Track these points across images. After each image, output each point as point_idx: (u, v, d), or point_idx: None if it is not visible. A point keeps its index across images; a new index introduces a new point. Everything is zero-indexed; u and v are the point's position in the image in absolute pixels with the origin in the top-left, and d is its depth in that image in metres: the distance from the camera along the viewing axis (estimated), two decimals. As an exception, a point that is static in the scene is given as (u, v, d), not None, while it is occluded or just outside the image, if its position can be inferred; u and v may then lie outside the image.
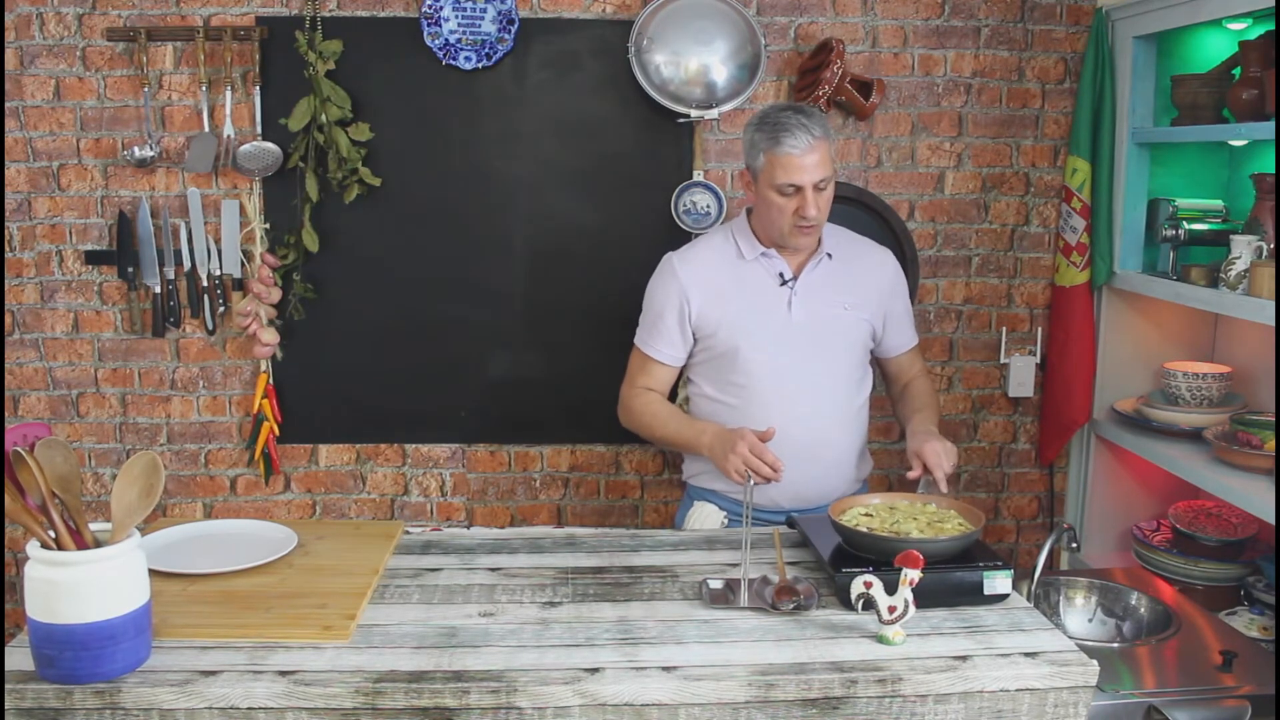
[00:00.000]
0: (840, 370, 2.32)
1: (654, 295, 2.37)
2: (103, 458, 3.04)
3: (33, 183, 2.89)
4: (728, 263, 2.32)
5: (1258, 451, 2.37)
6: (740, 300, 2.29)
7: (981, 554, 1.80)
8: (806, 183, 2.16)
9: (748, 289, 2.30)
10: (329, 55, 2.78)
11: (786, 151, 2.15)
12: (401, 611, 1.73)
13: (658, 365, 2.37)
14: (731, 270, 2.32)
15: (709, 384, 2.35)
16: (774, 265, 2.30)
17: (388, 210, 2.93)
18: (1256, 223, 2.40)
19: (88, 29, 2.82)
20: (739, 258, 2.32)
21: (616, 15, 2.88)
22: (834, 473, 2.32)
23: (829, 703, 1.52)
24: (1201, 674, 1.90)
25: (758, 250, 2.30)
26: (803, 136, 2.14)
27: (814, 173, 2.16)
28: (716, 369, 2.32)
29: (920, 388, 2.45)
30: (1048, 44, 2.96)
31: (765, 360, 2.27)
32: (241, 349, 2.99)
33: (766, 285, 2.30)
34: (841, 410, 2.32)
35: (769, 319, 2.28)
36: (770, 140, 2.17)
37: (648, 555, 2.00)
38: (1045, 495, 3.20)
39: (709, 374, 2.35)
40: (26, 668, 1.49)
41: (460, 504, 3.12)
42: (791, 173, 2.16)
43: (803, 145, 2.14)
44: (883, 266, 2.42)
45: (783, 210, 2.21)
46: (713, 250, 2.36)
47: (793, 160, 2.15)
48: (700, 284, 2.31)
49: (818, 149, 2.16)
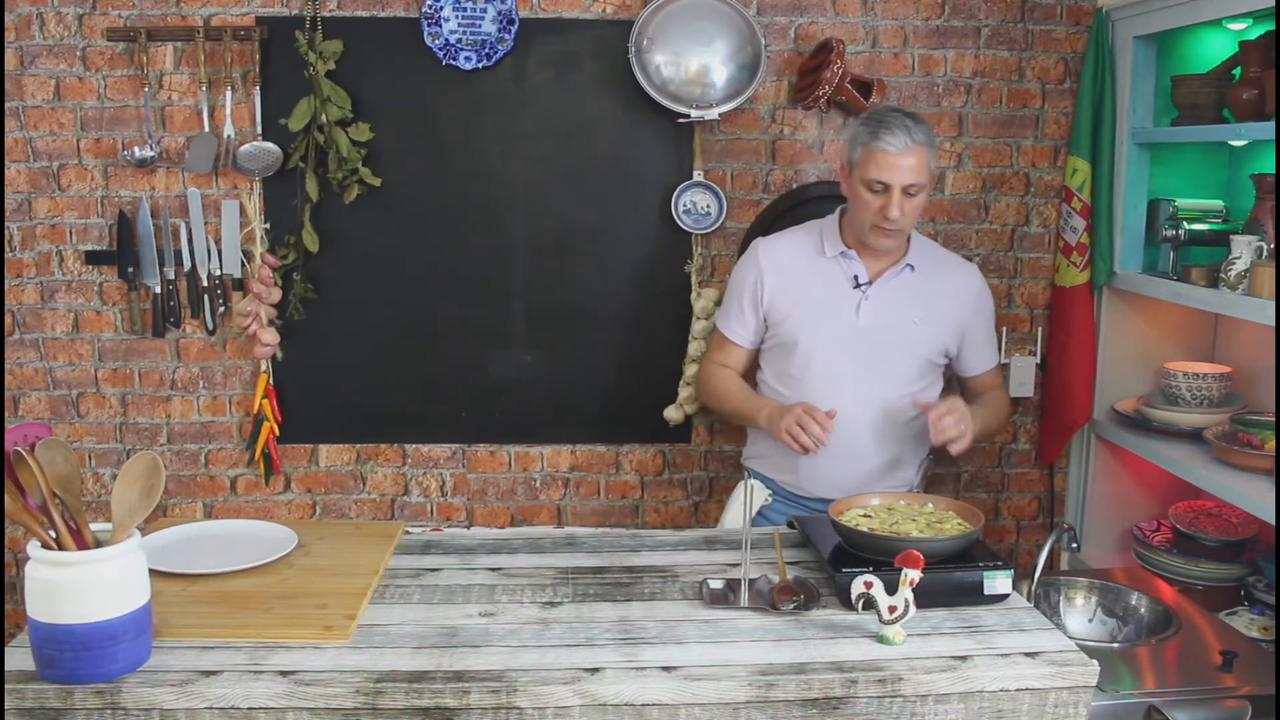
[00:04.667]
0: (897, 380, 2.31)
1: (735, 276, 2.46)
2: (103, 458, 3.04)
3: (33, 183, 2.89)
4: (807, 255, 2.35)
5: (1258, 451, 2.37)
6: (811, 294, 2.32)
7: (981, 554, 1.80)
8: (896, 183, 2.16)
9: (820, 285, 2.32)
10: (329, 55, 2.78)
11: (882, 147, 2.16)
12: (402, 611, 1.73)
13: (731, 344, 2.45)
14: (809, 263, 2.34)
15: (771, 372, 2.40)
16: (851, 266, 2.31)
17: (388, 210, 2.93)
18: (1256, 223, 2.40)
19: (88, 29, 2.82)
20: (819, 253, 2.35)
21: (616, 15, 2.88)
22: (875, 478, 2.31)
23: (829, 703, 1.52)
24: (1201, 674, 1.90)
25: (839, 249, 2.32)
26: (902, 136, 2.15)
27: (905, 175, 2.16)
28: (778, 357, 2.37)
29: (990, 398, 2.46)
30: (1048, 44, 2.96)
31: (822, 357, 2.28)
32: (241, 349, 2.99)
33: (839, 284, 2.32)
34: (891, 419, 2.30)
35: (835, 318, 2.30)
36: (870, 134, 2.18)
37: (648, 555, 2.00)
38: (1045, 495, 3.19)
39: (772, 361, 2.40)
40: (27, 668, 1.49)
41: (460, 504, 3.12)
42: (883, 169, 2.16)
43: (899, 145, 2.15)
44: (967, 286, 2.41)
45: (868, 206, 2.21)
46: (797, 241, 2.40)
47: (887, 157, 2.15)
48: (777, 270, 2.35)
49: (915, 153, 2.16)
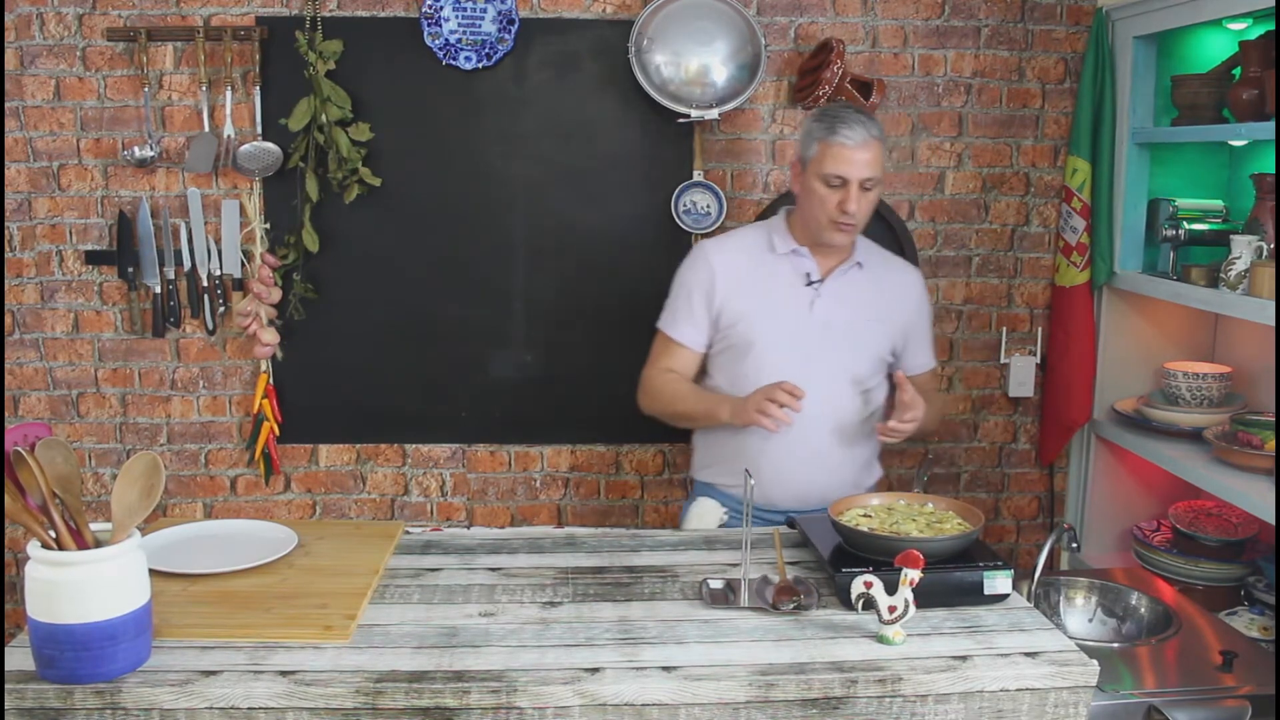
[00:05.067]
0: (851, 377, 2.31)
1: (683, 278, 2.39)
2: (103, 458, 3.04)
3: (33, 183, 2.89)
4: (758, 255, 2.34)
5: (1258, 451, 2.37)
6: (764, 294, 2.30)
7: (981, 554, 1.80)
8: (854, 177, 2.17)
9: (773, 284, 2.31)
10: (329, 55, 2.78)
11: (840, 141, 2.16)
12: (402, 611, 1.73)
13: (680, 348, 2.37)
14: (760, 263, 2.33)
15: (722, 376, 2.36)
16: (803, 264, 2.31)
17: (388, 210, 2.92)
18: (1256, 223, 2.40)
19: (88, 29, 2.82)
20: (769, 251, 2.33)
21: (616, 15, 2.88)
22: (835, 477, 2.32)
23: (829, 703, 1.52)
24: (1201, 674, 1.90)
25: (789, 246, 2.31)
26: (859, 130, 2.16)
27: (863, 169, 2.17)
28: (731, 360, 2.33)
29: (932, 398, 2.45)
30: (1048, 44, 2.96)
31: (779, 357, 2.27)
32: (241, 349, 2.99)
33: (792, 283, 2.31)
34: (848, 416, 2.31)
35: (789, 317, 2.29)
36: (827, 129, 2.18)
37: (648, 555, 2.00)
38: (1045, 495, 3.19)
39: (724, 365, 2.36)
40: (27, 668, 1.49)
41: (460, 504, 3.12)
42: (841, 164, 2.17)
43: (857, 139, 2.16)
44: (912, 287, 2.43)
45: (824, 202, 2.21)
46: (746, 241, 2.38)
47: (845, 151, 2.16)
48: (729, 271, 2.32)
49: (871, 148, 2.17)
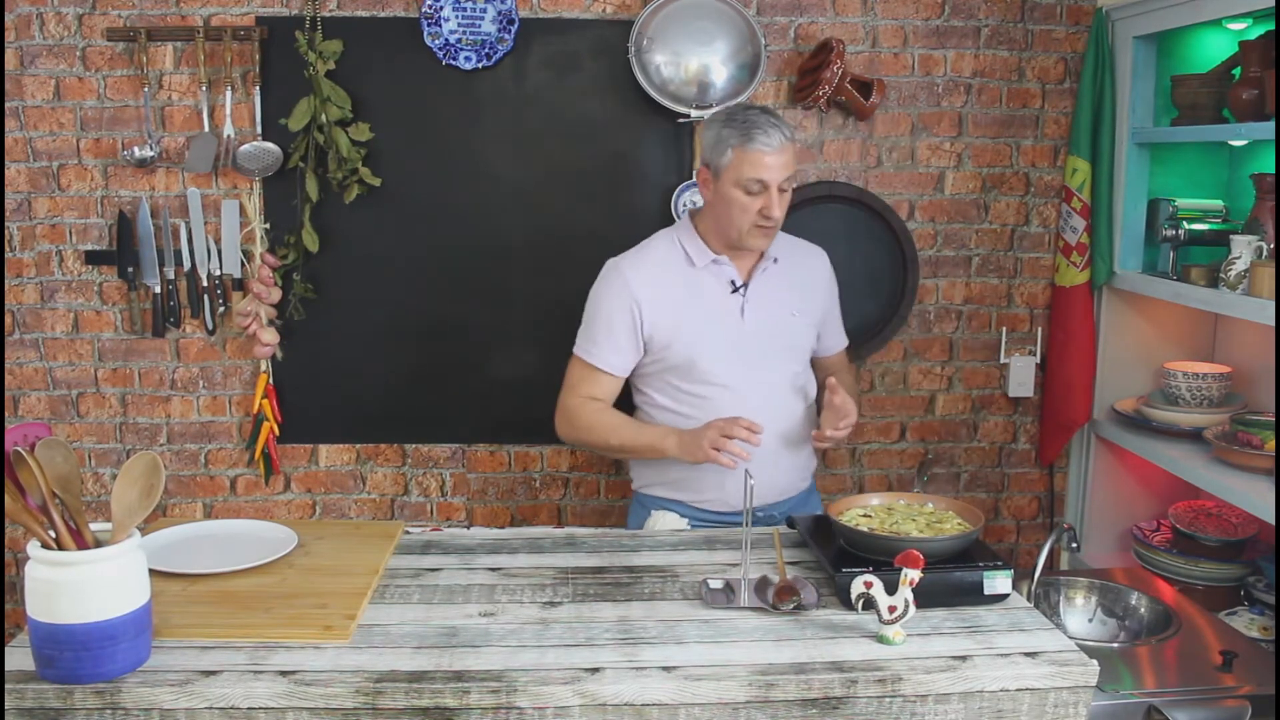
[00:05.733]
0: (790, 374, 2.31)
1: (601, 302, 2.29)
2: (103, 458, 3.04)
3: (33, 183, 2.89)
4: (678, 271, 2.27)
5: (1258, 451, 2.37)
6: (693, 310, 2.25)
7: (981, 554, 1.80)
8: (774, 181, 2.14)
9: (700, 298, 2.26)
10: (329, 55, 2.78)
11: (758, 148, 2.13)
12: (402, 611, 1.73)
13: (604, 375, 2.28)
14: (682, 279, 2.27)
15: (661, 394, 2.30)
16: (725, 272, 2.27)
17: (388, 210, 2.92)
18: (1256, 223, 2.40)
19: (88, 29, 2.82)
20: (689, 265, 2.27)
21: (616, 15, 2.88)
22: (790, 474, 2.33)
23: (829, 703, 1.52)
24: (1201, 674, 1.90)
25: (708, 257, 2.26)
26: (775, 135, 2.13)
27: (782, 172, 2.15)
28: (669, 379, 2.28)
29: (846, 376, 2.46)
30: (1048, 44, 2.96)
31: (721, 370, 2.24)
32: (241, 349, 2.99)
33: (718, 293, 2.26)
34: (794, 413, 2.31)
35: (722, 328, 2.25)
36: (742, 136, 2.14)
37: (648, 555, 2.00)
38: (1045, 495, 3.19)
39: (660, 384, 2.30)
40: (27, 668, 1.49)
41: (460, 504, 3.12)
42: (760, 169, 2.14)
43: (775, 143, 2.13)
44: (821, 269, 2.42)
45: (745, 209, 2.17)
46: (661, 257, 2.30)
47: (763, 157, 2.13)
48: (652, 292, 2.24)
49: (787, 150, 2.16)
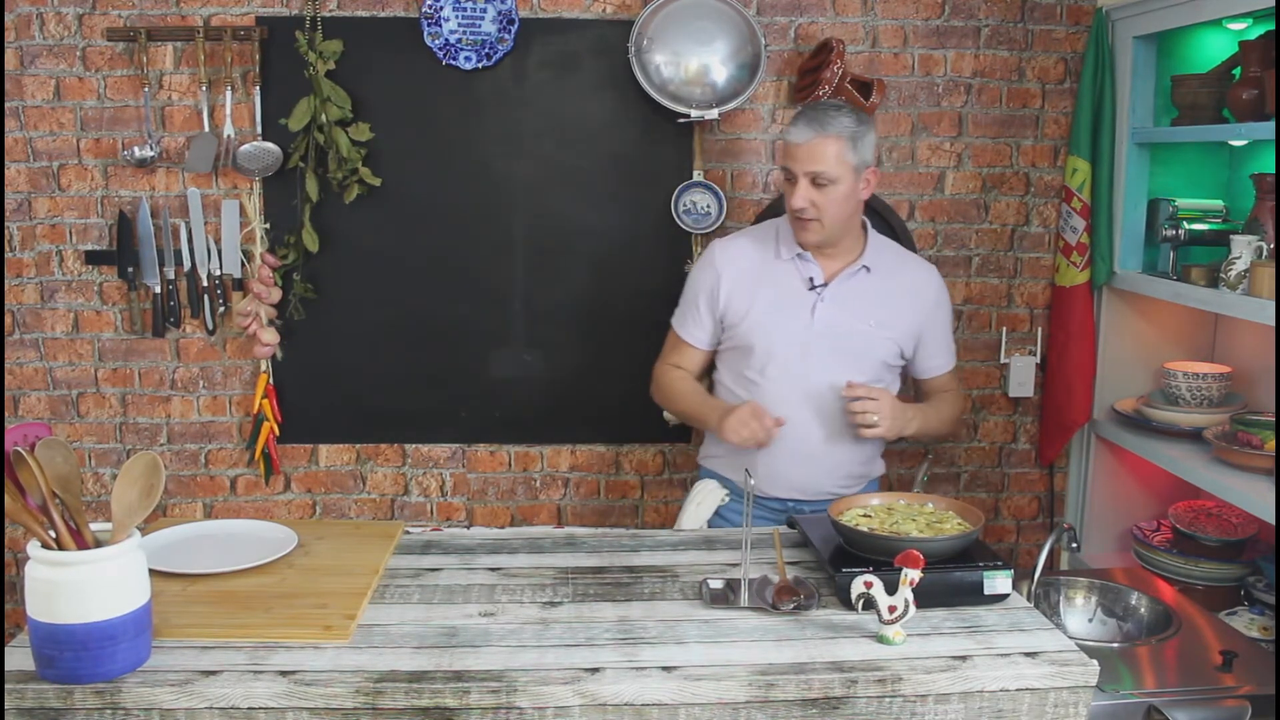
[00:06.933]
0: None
1: (693, 278, 2.44)
2: (103, 458, 3.04)
3: (33, 183, 2.89)
4: (764, 258, 2.36)
5: (1258, 451, 2.37)
6: (767, 297, 2.32)
7: (981, 554, 1.80)
8: (798, 171, 2.21)
9: (777, 287, 2.33)
10: (329, 55, 2.78)
11: (788, 137, 2.24)
12: (402, 611, 1.73)
13: (687, 346, 2.43)
14: (766, 266, 2.35)
15: (728, 374, 2.40)
16: (807, 269, 2.32)
17: (388, 210, 2.92)
18: (1256, 223, 2.40)
19: (88, 29, 2.82)
20: (774, 255, 2.35)
21: (616, 15, 2.88)
22: (833, 475, 2.34)
23: (829, 703, 1.52)
24: (1201, 674, 1.90)
25: (794, 251, 2.32)
26: (805, 128, 2.20)
27: (806, 162, 2.19)
28: (735, 360, 2.36)
29: (941, 399, 2.44)
30: (1048, 44, 2.96)
31: (779, 360, 2.29)
32: (241, 349, 2.99)
33: (795, 287, 2.32)
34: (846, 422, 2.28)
35: (791, 321, 2.30)
36: (790, 124, 2.26)
37: (648, 555, 2.00)
38: (1045, 495, 3.19)
39: (729, 364, 2.39)
40: (27, 668, 1.49)
41: (460, 504, 3.12)
42: (786, 156, 2.24)
43: (803, 135, 2.20)
44: (925, 286, 2.40)
45: (786, 197, 2.26)
46: (754, 243, 2.40)
47: (790, 147, 2.23)
48: (734, 273, 2.35)
49: (820, 144, 2.18)
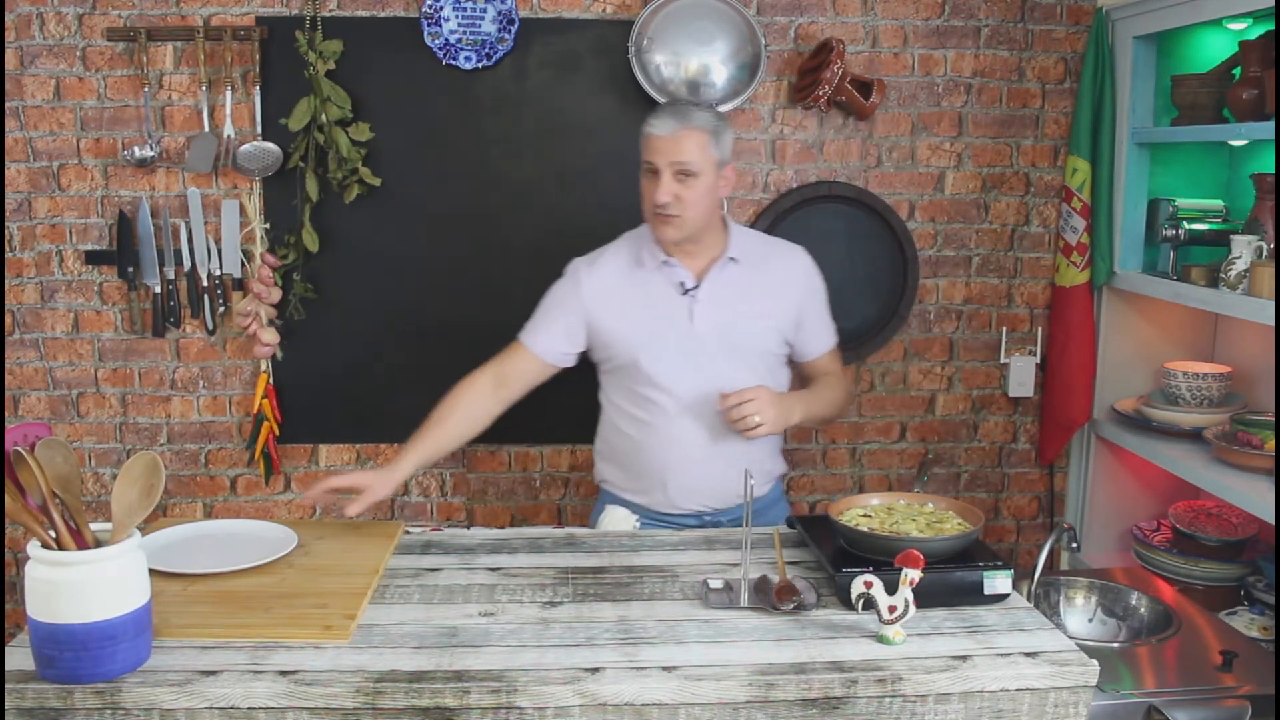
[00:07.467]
0: (741, 379, 2.21)
1: (552, 294, 2.32)
2: (103, 458, 3.04)
3: (33, 183, 2.89)
4: (628, 273, 2.27)
5: (1258, 451, 2.37)
6: (639, 311, 2.24)
7: (981, 554, 1.80)
8: (661, 163, 2.13)
9: (647, 299, 2.24)
10: (329, 55, 2.78)
11: (650, 130, 2.15)
12: (402, 611, 1.73)
13: (524, 350, 2.29)
14: (631, 280, 2.26)
15: (617, 393, 2.31)
16: (675, 274, 2.24)
17: (388, 210, 2.92)
18: (1256, 223, 2.40)
19: (88, 29, 2.82)
20: (638, 266, 2.26)
21: (616, 15, 2.88)
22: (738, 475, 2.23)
23: (829, 703, 1.52)
24: (1201, 674, 1.90)
25: (659, 258, 2.24)
26: (669, 120, 2.13)
27: (670, 154, 2.12)
28: (623, 378, 2.28)
29: (825, 382, 2.37)
30: (1048, 44, 2.97)
31: (667, 372, 2.22)
32: (241, 349, 2.99)
33: (667, 295, 2.24)
34: None
35: (669, 330, 2.22)
36: (647, 121, 2.18)
37: (648, 555, 2.00)
38: (1045, 495, 3.20)
39: (618, 382, 2.31)
40: (27, 668, 1.49)
41: (460, 504, 3.12)
42: (648, 150, 2.15)
43: (667, 128, 2.12)
44: (794, 269, 2.33)
45: (645, 194, 2.18)
46: (616, 260, 2.30)
47: (651, 140, 2.15)
48: (599, 290, 2.26)
49: (685, 136, 2.12)
